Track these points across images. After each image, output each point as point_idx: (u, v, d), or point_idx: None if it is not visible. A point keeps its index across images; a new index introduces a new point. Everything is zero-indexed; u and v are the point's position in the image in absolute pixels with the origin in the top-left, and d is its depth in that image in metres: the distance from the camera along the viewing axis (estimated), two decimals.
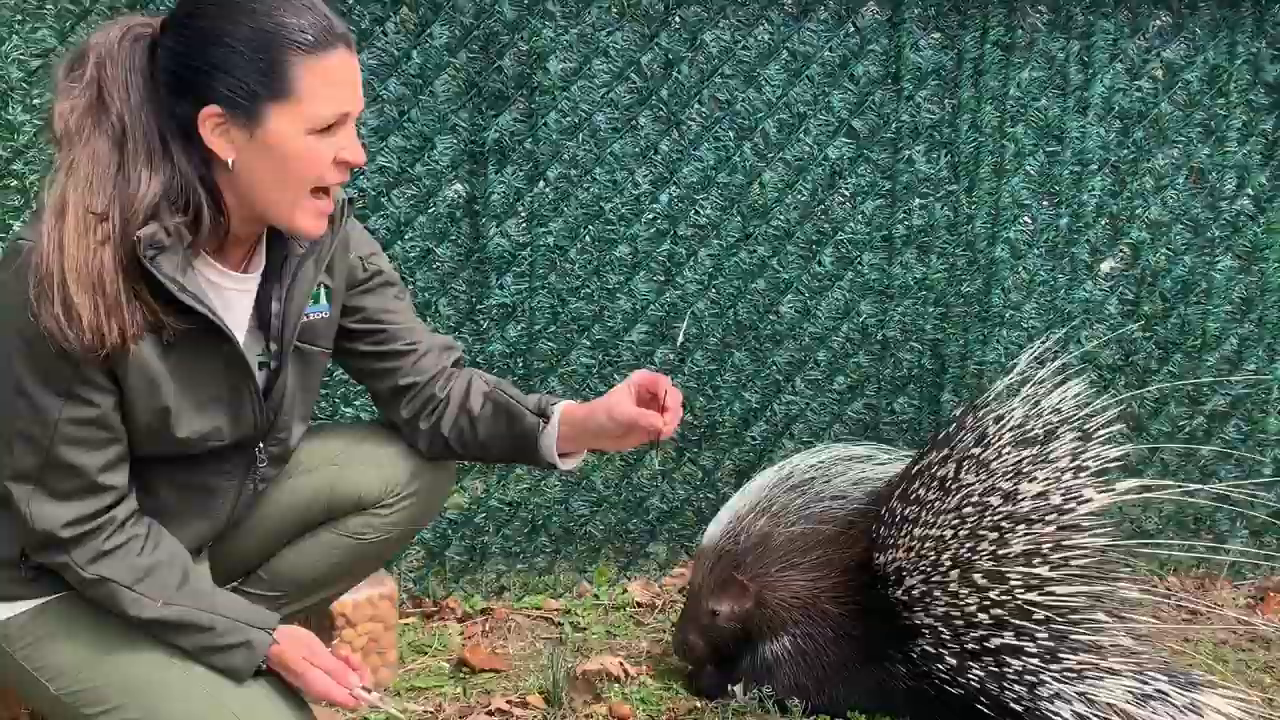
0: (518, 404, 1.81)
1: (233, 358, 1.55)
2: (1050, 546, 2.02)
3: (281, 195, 1.47)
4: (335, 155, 1.47)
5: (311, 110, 1.43)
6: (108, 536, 1.50)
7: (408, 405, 1.82)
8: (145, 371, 1.47)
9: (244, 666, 1.57)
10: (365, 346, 1.79)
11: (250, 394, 1.60)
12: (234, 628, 1.56)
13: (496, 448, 1.84)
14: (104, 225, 1.39)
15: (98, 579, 1.50)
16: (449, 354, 1.86)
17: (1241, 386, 3.02)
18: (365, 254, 1.76)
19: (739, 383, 2.79)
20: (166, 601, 1.53)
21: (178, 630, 1.54)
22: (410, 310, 1.85)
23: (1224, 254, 2.96)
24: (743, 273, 2.73)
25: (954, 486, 2.08)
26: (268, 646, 1.57)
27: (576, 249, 2.62)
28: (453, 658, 2.40)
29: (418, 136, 2.48)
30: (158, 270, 1.42)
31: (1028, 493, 2.04)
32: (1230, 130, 2.90)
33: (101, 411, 1.47)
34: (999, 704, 2.04)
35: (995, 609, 2.01)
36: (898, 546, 2.10)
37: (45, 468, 1.46)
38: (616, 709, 2.20)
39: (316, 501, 1.81)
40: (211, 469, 1.64)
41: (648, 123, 2.61)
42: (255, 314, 1.61)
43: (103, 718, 1.56)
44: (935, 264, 2.82)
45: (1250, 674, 2.53)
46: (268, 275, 1.61)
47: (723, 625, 2.25)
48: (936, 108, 2.75)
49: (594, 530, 2.77)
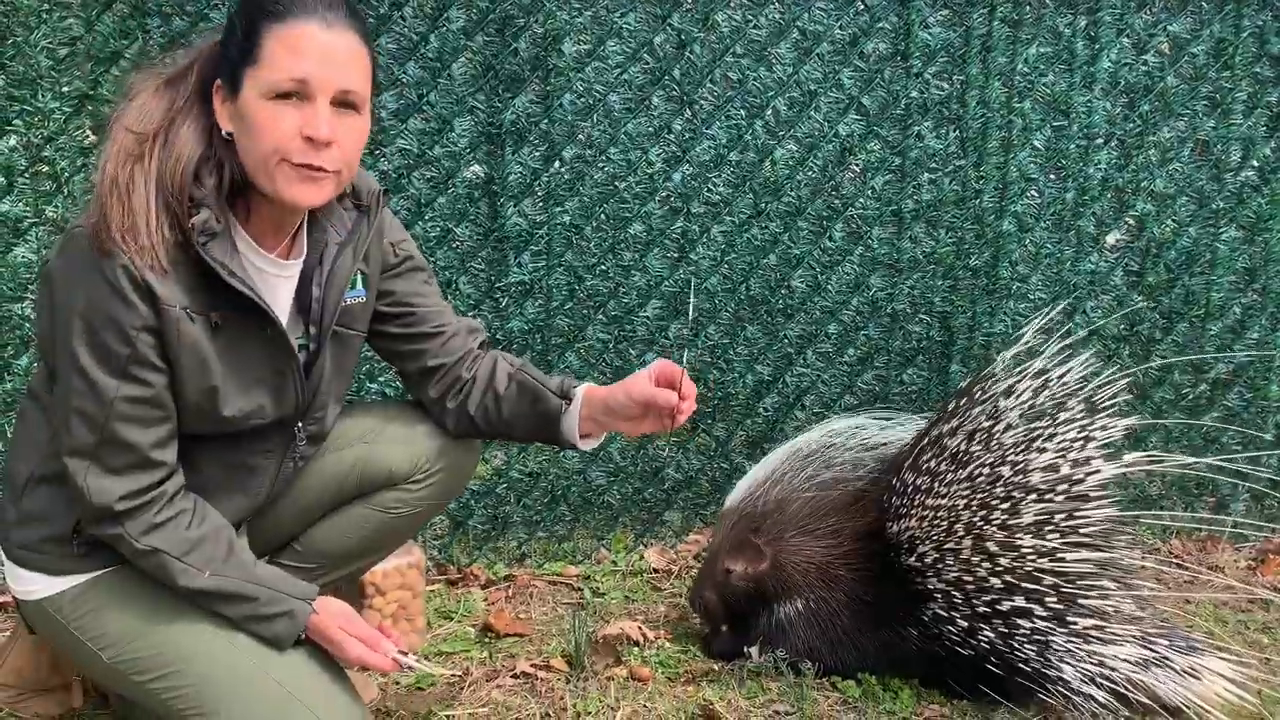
0: (541, 385, 1.89)
1: (277, 340, 1.63)
2: (1062, 516, 2.09)
3: (255, 161, 1.52)
4: (300, 129, 1.49)
5: (267, 74, 1.47)
6: (159, 510, 1.58)
7: (436, 385, 1.89)
8: (196, 351, 1.55)
9: (286, 635, 1.66)
10: (395, 329, 1.86)
11: (293, 374, 1.68)
12: (276, 598, 1.65)
13: (520, 427, 1.92)
14: (142, 145, 1.48)
15: (150, 550, 1.58)
16: (475, 336, 1.93)
17: (1244, 355, 3.07)
18: (396, 240, 1.83)
19: (751, 356, 2.85)
20: (214, 573, 1.61)
21: (224, 600, 1.63)
22: (438, 294, 1.92)
23: (1228, 225, 3.00)
24: (754, 249, 2.79)
25: (965, 458, 2.14)
26: (308, 616, 1.66)
27: (592, 227, 2.68)
28: (478, 623, 2.48)
29: (436, 119, 2.53)
30: (209, 255, 1.50)
31: (1038, 463, 2.11)
32: (1235, 103, 2.93)
33: (155, 390, 1.55)
34: (1008, 664, 2.12)
35: (1007, 575, 2.08)
36: (910, 516, 2.17)
37: (101, 444, 1.54)
38: (637, 671, 2.28)
39: (349, 477, 1.88)
40: (253, 447, 1.72)
41: (661, 102, 2.66)
42: (296, 299, 1.68)
43: (152, 684, 1.65)
44: (944, 238, 2.87)
45: (1249, 635, 2.60)
46: (308, 262, 1.68)
47: (736, 584, 2.32)
48: (945, 84, 2.79)
49: (611, 499, 2.85)
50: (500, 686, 2.22)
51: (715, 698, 2.21)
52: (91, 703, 2.03)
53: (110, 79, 2.32)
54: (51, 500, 1.64)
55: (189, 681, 1.63)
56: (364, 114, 1.56)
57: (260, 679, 1.64)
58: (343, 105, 1.52)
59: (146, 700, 1.69)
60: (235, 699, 1.63)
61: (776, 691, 2.25)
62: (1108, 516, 2.12)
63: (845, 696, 2.25)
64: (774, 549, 2.29)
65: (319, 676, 1.68)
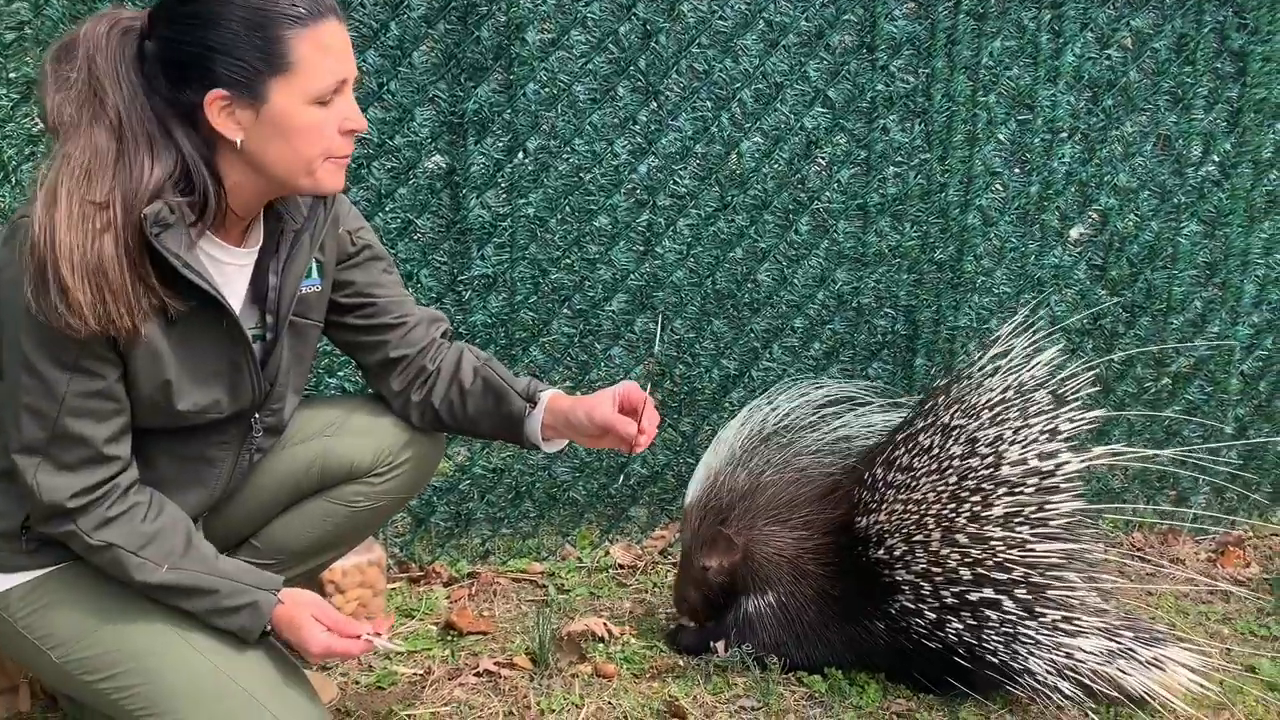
0: (507, 385, 1.86)
1: (232, 332, 1.59)
2: (1031, 508, 2.10)
3: (295, 167, 1.51)
4: (340, 125, 1.51)
5: (311, 81, 1.46)
6: (112, 504, 1.54)
7: (398, 377, 1.86)
8: (149, 346, 1.51)
9: (251, 627, 1.61)
10: (355, 320, 1.83)
11: (249, 367, 1.63)
12: (239, 589, 1.60)
13: (484, 424, 1.89)
14: (104, 214, 1.40)
15: (104, 545, 1.53)
16: (437, 326, 1.90)
17: (1205, 348, 3.10)
18: (354, 228, 1.79)
19: (718, 350, 2.84)
20: (171, 566, 1.56)
21: (183, 594, 1.58)
22: (399, 284, 1.88)
23: (1189, 220, 3.03)
24: (721, 242, 2.77)
25: (938, 452, 2.14)
26: (273, 607, 1.61)
27: (556, 219, 2.65)
28: (440, 621, 2.45)
29: (397, 108, 2.49)
30: (162, 246, 1.45)
31: (1008, 457, 2.11)
32: (1197, 98, 2.96)
33: (107, 384, 1.50)
34: (976, 656, 2.12)
35: (976, 566, 2.09)
36: (880, 510, 2.16)
37: (53, 440, 1.49)
38: (602, 668, 2.26)
39: (310, 471, 1.85)
40: (208, 440, 1.67)
41: (626, 93, 2.63)
42: (252, 288, 1.64)
43: (103, 685, 1.60)
44: (909, 232, 2.87)
45: (1210, 625, 2.63)
46: (264, 249, 1.64)
47: (714, 580, 2.30)
48: (910, 77, 2.79)
49: (577, 495, 2.82)
50: (463, 685, 2.19)
51: (681, 694, 2.19)
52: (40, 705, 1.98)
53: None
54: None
55: (140, 681, 1.59)
56: None
57: (215, 678, 1.60)
58: None
59: (97, 702, 1.64)
60: (188, 700, 1.59)
61: (743, 687, 2.23)
62: (1075, 509, 2.13)
63: (812, 691, 2.24)
64: (745, 538, 2.27)
65: (275, 676, 1.64)
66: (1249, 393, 3.16)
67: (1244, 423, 3.17)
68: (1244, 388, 3.15)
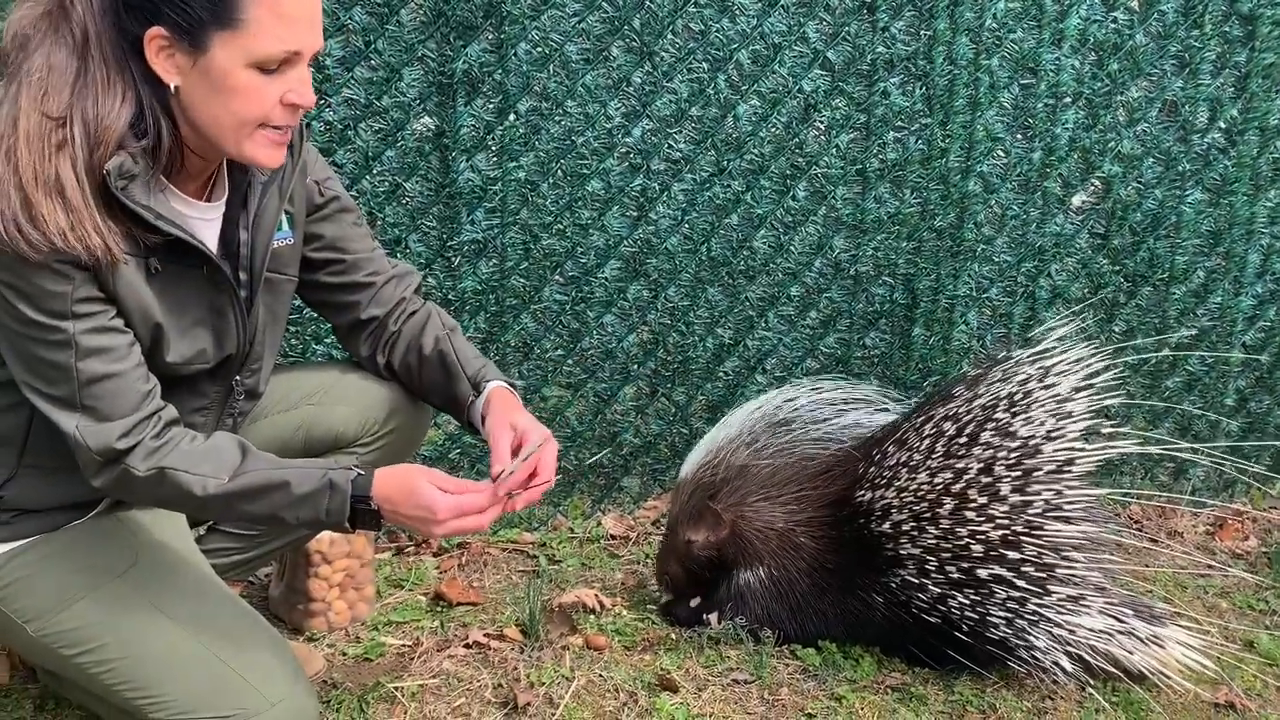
0: (459, 367, 1.80)
1: (213, 277, 1.54)
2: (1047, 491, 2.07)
3: (225, 128, 1.43)
4: (283, 96, 1.42)
5: (257, 45, 1.37)
6: (156, 433, 1.48)
7: (367, 341, 1.82)
8: (134, 290, 1.45)
9: (337, 509, 1.51)
10: (326, 278, 1.78)
11: (234, 311, 1.59)
12: (308, 475, 1.52)
13: (434, 397, 1.86)
14: (61, 130, 1.34)
15: (157, 471, 1.46)
16: (406, 283, 1.84)
17: (1206, 318, 3.06)
18: (321, 178, 1.73)
19: (712, 318, 2.78)
20: (232, 474, 1.50)
21: (255, 496, 1.50)
22: (369, 237, 1.83)
23: (1194, 188, 2.97)
24: (716, 208, 2.71)
25: (957, 433, 2.11)
26: (350, 480, 1.52)
27: (548, 184, 2.58)
28: (429, 592, 2.42)
29: (384, 68, 2.42)
30: (131, 200, 1.39)
31: (1024, 438, 2.08)
32: (1204, 63, 2.89)
33: (112, 318, 1.44)
34: (977, 632, 2.10)
35: (987, 543, 2.06)
36: (889, 485, 2.12)
37: (82, 388, 1.43)
38: (592, 640, 2.23)
39: (294, 440, 1.81)
40: (189, 406, 1.62)
41: (620, 54, 2.56)
42: (221, 244, 1.58)
43: (81, 658, 1.57)
44: (908, 198, 2.81)
45: (1208, 600, 2.60)
46: (231, 204, 1.58)
47: (698, 554, 2.28)
48: (912, 39, 2.72)
49: (568, 465, 2.77)
50: (452, 657, 2.16)
51: (673, 666, 2.16)
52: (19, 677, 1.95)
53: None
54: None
55: (118, 655, 1.56)
56: None
57: (196, 651, 1.57)
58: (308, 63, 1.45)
59: (75, 675, 1.61)
60: (170, 673, 1.56)
61: (736, 659, 2.20)
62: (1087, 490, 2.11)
63: (806, 664, 2.21)
64: (733, 514, 2.24)
65: (259, 648, 1.61)
66: (1251, 364, 3.12)
67: (1245, 395, 3.13)
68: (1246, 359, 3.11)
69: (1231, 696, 2.16)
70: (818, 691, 2.12)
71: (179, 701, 1.55)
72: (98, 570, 1.57)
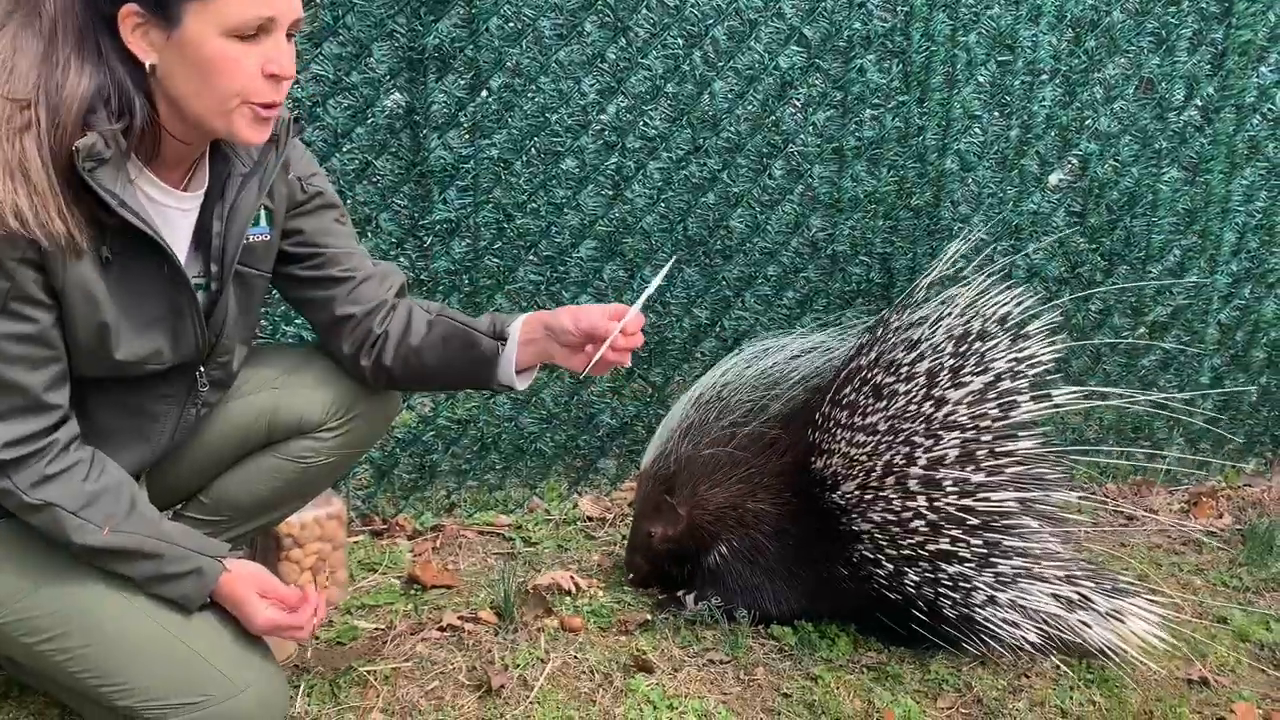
0: (470, 329, 1.77)
1: (174, 276, 1.50)
2: (984, 453, 2.04)
3: (206, 105, 1.40)
4: (262, 66, 1.40)
5: (229, 10, 1.35)
6: (51, 459, 1.46)
7: (349, 339, 1.77)
8: (83, 286, 1.42)
9: (194, 595, 1.55)
10: (302, 271, 1.74)
11: (191, 315, 1.55)
12: (184, 555, 1.54)
13: (449, 373, 1.81)
14: (25, 113, 1.32)
15: (42, 504, 1.46)
16: (389, 282, 1.80)
17: (1183, 297, 3.06)
18: (305, 174, 1.70)
19: (689, 299, 2.76)
20: (114, 529, 1.49)
21: (125, 558, 1.52)
22: (351, 236, 1.79)
23: (1170, 165, 2.97)
24: (692, 186, 2.68)
25: (888, 391, 2.08)
26: (219, 574, 1.56)
27: (521, 162, 2.55)
28: (404, 575, 2.39)
29: (354, 43, 2.37)
30: (97, 184, 1.36)
31: (963, 399, 2.05)
32: (1180, 39, 2.88)
33: (41, 327, 1.42)
34: (933, 609, 2.08)
35: (930, 514, 2.03)
36: (833, 452, 2.10)
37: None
38: (568, 622, 2.22)
39: (257, 425, 1.77)
40: (152, 393, 1.60)
41: (594, 29, 2.52)
42: (195, 236, 1.55)
43: (44, 647, 1.54)
44: (885, 177, 2.79)
45: (1183, 576, 2.61)
46: (209, 195, 1.55)
47: (659, 547, 2.28)
48: (889, 15, 2.69)
49: (544, 447, 2.76)
50: (425, 640, 2.14)
51: (649, 647, 2.15)
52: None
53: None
54: None
55: (83, 643, 1.53)
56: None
57: (162, 639, 1.54)
58: (289, 33, 1.42)
59: (39, 665, 1.58)
60: (135, 661, 1.53)
61: (711, 640, 2.19)
62: (1033, 454, 2.08)
63: (781, 644, 2.20)
64: (688, 506, 2.23)
65: (225, 633, 1.59)
66: (1226, 342, 3.13)
67: (1220, 373, 3.14)
68: (1221, 337, 3.11)
69: (1204, 672, 2.17)
70: (793, 671, 2.11)
71: (145, 688, 1.53)
72: (58, 557, 1.53)
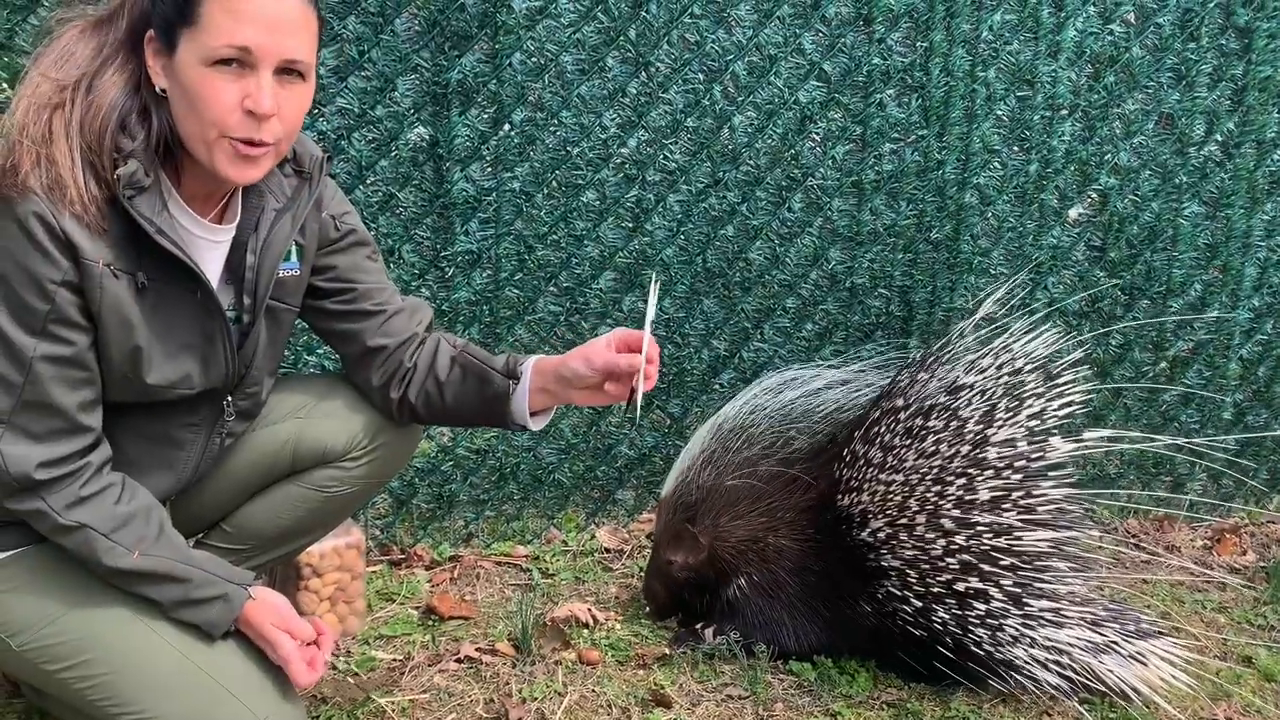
0: (486, 366, 1.79)
1: (207, 303, 1.52)
2: (1019, 494, 2.03)
3: (193, 134, 1.43)
4: (241, 101, 1.40)
5: (208, 39, 1.37)
6: (85, 482, 1.47)
7: (378, 371, 1.78)
8: (119, 310, 1.44)
9: (219, 621, 1.55)
10: (334, 305, 1.76)
11: (223, 342, 1.57)
12: (211, 580, 1.54)
13: (466, 411, 1.82)
14: (61, 94, 1.38)
15: (75, 526, 1.46)
16: (419, 316, 1.82)
17: (1204, 332, 3.05)
18: (338, 213, 1.72)
19: (708, 330, 2.77)
20: (143, 552, 1.50)
21: (154, 582, 1.52)
22: (382, 272, 1.81)
23: (1191, 200, 2.96)
24: (712, 219, 2.70)
25: (921, 432, 2.08)
26: (244, 601, 1.56)
27: (543, 194, 2.57)
28: (421, 605, 2.39)
29: (378, 77, 2.41)
30: (135, 210, 1.40)
31: (995, 439, 2.05)
32: (1200, 75, 2.89)
33: (77, 349, 1.44)
34: (961, 646, 2.07)
35: (962, 554, 2.03)
36: (862, 490, 2.10)
37: (19, 408, 1.42)
38: (586, 654, 2.21)
39: (281, 454, 1.78)
40: (178, 421, 1.61)
41: (615, 64, 2.55)
42: (227, 268, 1.57)
43: (66, 674, 1.54)
44: (905, 210, 2.80)
45: (1206, 614, 2.58)
46: (242, 228, 1.57)
47: (679, 575, 2.27)
48: (908, 51, 2.71)
49: (562, 477, 2.76)
50: (443, 671, 2.13)
51: (667, 681, 2.14)
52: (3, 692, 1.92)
53: (27, 29, 2.17)
54: None
55: (105, 671, 1.53)
56: (309, 80, 1.47)
57: (183, 668, 1.54)
58: (286, 73, 1.42)
59: (60, 691, 1.58)
60: (155, 690, 1.53)
61: (730, 675, 2.18)
62: (1066, 495, 2.08)
63: (800, 679, 2.19)
64: (709, 536, 2.23)
65: (246, 665, 1.59)
66: (1248, 378, 3.11)
67: (1242, 408, 3.12)
68: (1243, 373, 3.09)
69: (1229, 713, 2.14)
70: (813, 707, 2.10)
71: (165, 717, 1.53)
72: (83, 584, 1.54)
